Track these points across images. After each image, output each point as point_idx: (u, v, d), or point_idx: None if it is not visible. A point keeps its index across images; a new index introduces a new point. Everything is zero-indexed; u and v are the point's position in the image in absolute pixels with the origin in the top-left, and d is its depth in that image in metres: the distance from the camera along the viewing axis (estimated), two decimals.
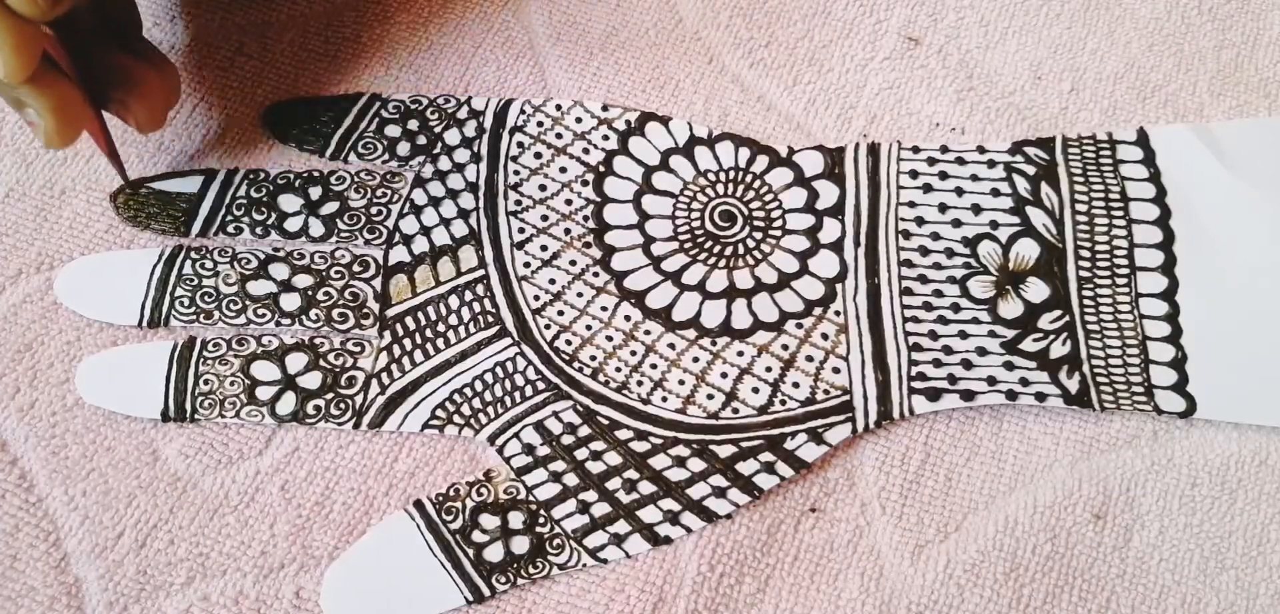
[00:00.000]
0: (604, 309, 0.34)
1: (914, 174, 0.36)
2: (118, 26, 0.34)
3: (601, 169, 0.36)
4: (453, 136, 0.36)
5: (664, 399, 0.32)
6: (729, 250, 0.35)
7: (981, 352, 0.33)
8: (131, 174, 0.35)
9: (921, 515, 0.32)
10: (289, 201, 0.35)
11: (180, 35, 0.38)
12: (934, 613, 0.30)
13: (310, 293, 0.33)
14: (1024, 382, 0.33)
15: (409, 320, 0.33)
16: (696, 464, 0.32)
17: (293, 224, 0.34)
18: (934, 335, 0.33)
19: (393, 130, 0.36)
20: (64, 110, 0.30)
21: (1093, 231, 0.35)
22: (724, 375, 0.33)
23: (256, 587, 0.30)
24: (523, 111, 0.37)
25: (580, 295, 0.34)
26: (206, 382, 0.32)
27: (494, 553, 0.30)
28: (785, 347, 0.33)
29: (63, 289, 0.33)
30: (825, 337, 0.33)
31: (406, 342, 0.33)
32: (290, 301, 0.33)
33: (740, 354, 0.33)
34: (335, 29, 0.38)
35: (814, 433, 0.32)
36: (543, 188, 0.35)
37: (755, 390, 0.33)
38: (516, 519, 0.31)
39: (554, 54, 0.38)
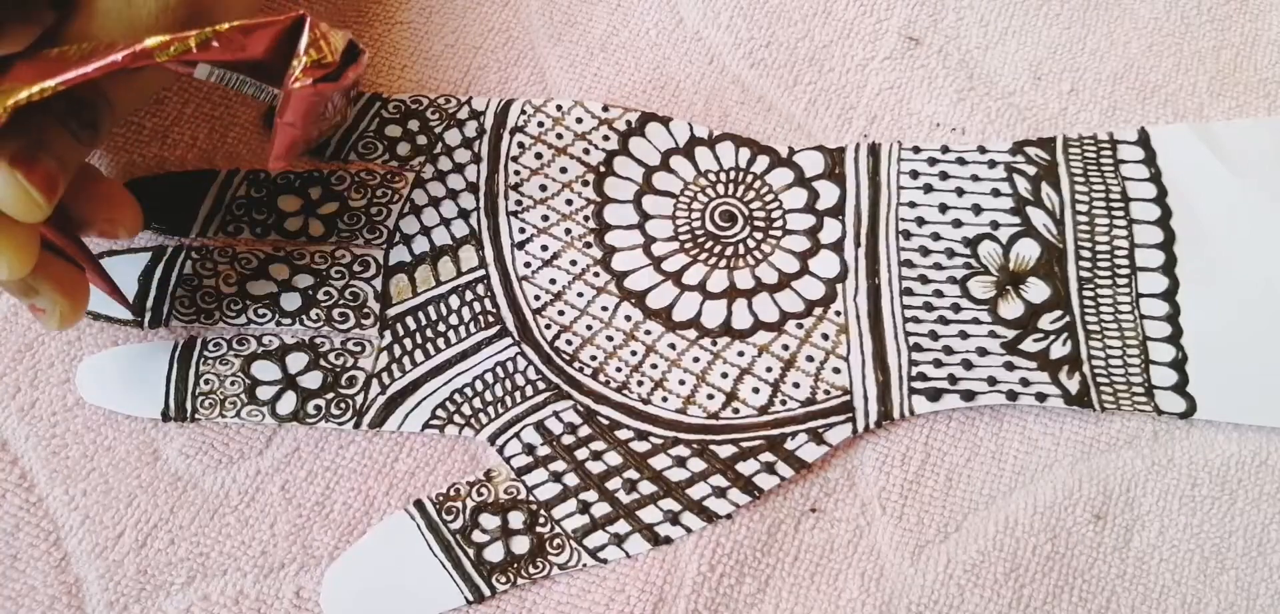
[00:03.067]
0: (604, 309, 0.34)
1: (914, 174, 0.36)
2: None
3: (602, 169, 0.36)
4: (453, 137, 0.36)
5: (664, 399, 0.32)
6: (729, 250, 0.35)
7: (982, 352, 0.33)
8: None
9: (922, 515, 0.32)
10: (289, 202, 0.35)
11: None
12: (934, 613, 0.30)
13: (310, 292, 0.33)
14: (1024, 382, 0.33)
15: (409, 320, 0.33)
16: (697, 464, 0.32)
17: (293, 224, 0.34)
18: (934, 335, 0.33)
19: (393, 130, 0.36)
20: (71, 288, 0.29)
21: (1093, 232, 0.35)
22: (724, 375, 0.33)
23: (257, 586, 0.30)
24: (523, 112, 0.36)
25: (581, 295, 0.34)
26: (207, 381, 0.32)
27: (494, 553, 0.30)
28: (786, 347, 0.33)
29: None
30: (826, 337, 0.33)
31: (407, 341, 0.33)
32: (290, 301, 0.33)
33: (740, 354, 0.33)
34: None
35: (814, 433, 0.32)
36: (543, 188, 0.35)
37: (755, 390, 0.33)
38: (517, 519, 0.31)
39: (554, 54, 0.38)
